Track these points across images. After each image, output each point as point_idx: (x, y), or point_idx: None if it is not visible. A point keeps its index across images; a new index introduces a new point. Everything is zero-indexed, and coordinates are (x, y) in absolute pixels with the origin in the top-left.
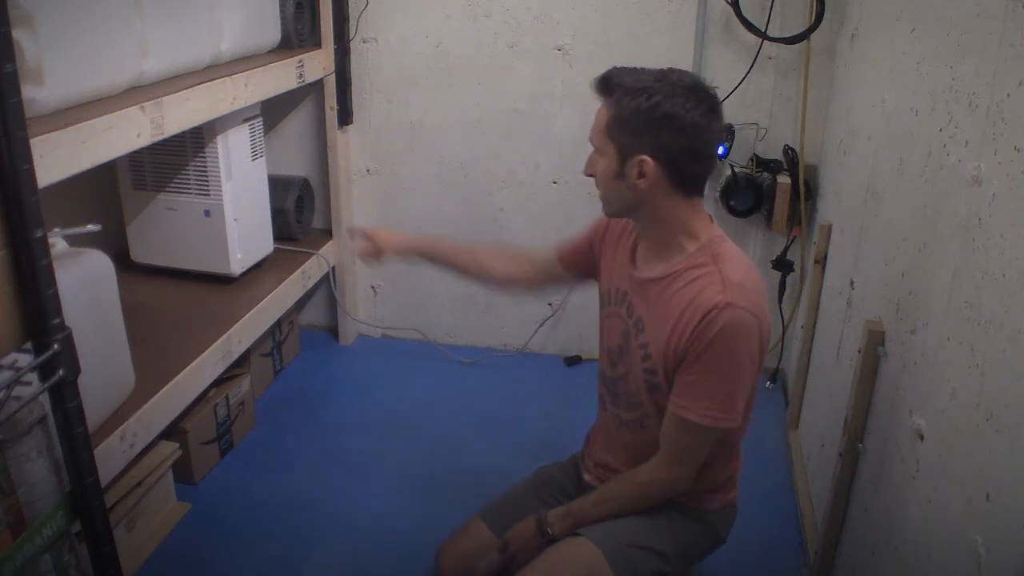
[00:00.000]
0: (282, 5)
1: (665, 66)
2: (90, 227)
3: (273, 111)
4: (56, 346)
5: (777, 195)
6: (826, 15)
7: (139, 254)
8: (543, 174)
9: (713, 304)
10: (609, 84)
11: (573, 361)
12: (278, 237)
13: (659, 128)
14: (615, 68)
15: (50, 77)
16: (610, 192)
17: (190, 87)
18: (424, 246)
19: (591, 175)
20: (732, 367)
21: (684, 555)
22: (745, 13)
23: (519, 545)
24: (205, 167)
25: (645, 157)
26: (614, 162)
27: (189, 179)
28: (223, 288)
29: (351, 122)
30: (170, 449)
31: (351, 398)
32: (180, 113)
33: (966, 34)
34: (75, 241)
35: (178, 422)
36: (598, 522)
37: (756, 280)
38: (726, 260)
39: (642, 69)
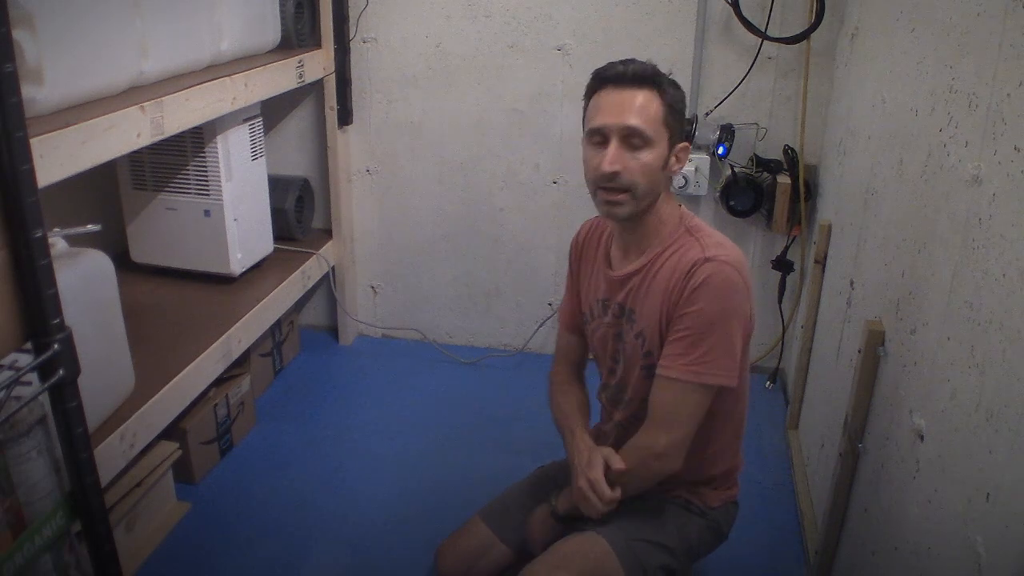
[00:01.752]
0: (282, 5)
1: (666, 66)
2: (90, 227)
3: (273, 111)
4: (56, 346)
5: (777, 195)
6: (826, 15)
7: (139, 254)
8: (543, 174)
9: (693, 260)
10: (656, 76)
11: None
12: (278, 237)
13: (685, 116)
14: (639, 61)
15: (50, 77)
16: (653, 184)
17: (190, 87)
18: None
19: (618, 171)
20: (712, 320)
21: (689, 550)
22: (745, 13)
23: (535, 530)
24: (205, 167)
25: (687, 144)
26: (665, 151)
27: (189, 179)
28: (223, 288)
29: (351, 122)
30: (170, 449)
31: (351, 398)
32: (180, 113)
33: (966, 34)
34: (75, 241)
35: (178, 422)
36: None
37: (734, 245)
38: (701, 230)
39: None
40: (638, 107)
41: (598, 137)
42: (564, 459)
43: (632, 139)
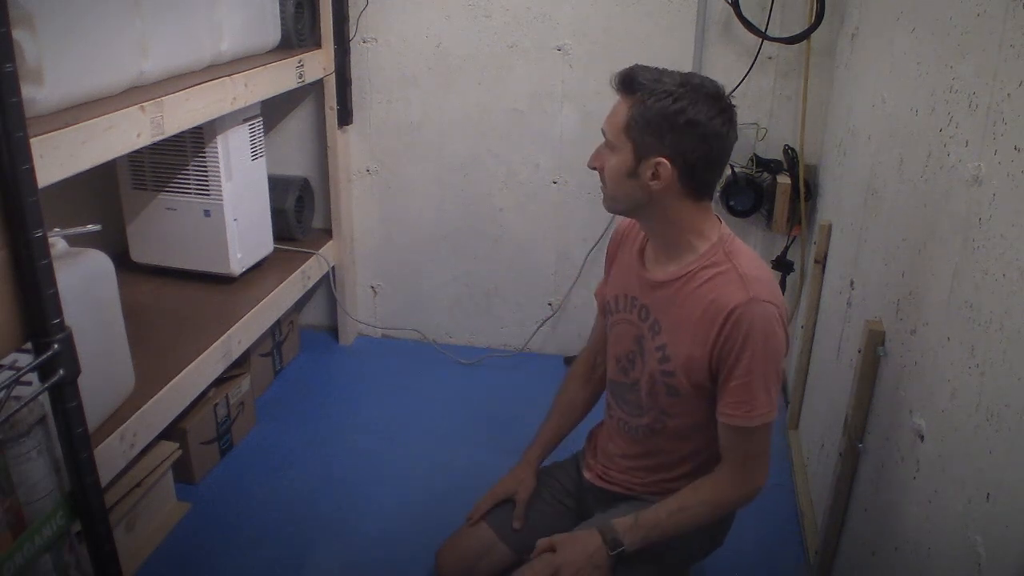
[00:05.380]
0: (282, 5)
1: (667, 66)
2: (90, 227)
3: (273, 111)
4: (56, 346)
5: (777, 195)
6: (826, 15)
7: (139, 254)
8: (543, 174)
9: (736, 303)
10: (632, 82)
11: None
12: (278, 237)
13: (681, 133)
14: (638, 66)
15: (50, 77)
16: (617, 189)
17: (190, 87)
18: (547, 450)
19: (595, 168)
20: (769, 361)
21: (681, 561)
22: (745, 13)
23: (577, 567)
24: (205, 167)
25: (662, 160)
26: (628, 160)
27: (189, 179)
28: (223, 288)
29: (351, 122)
30: (170, 449)
31: (351, 398)
32: (180, 113)
33: (966, 34)
34: (75, 241)
35: (178, 422)
36: (672, 534)
37: (769, 272)
38: (739, 256)
39: (664, 70)
40: (611, 112)
41: None
42: (565, 460)
43: (605, 142)
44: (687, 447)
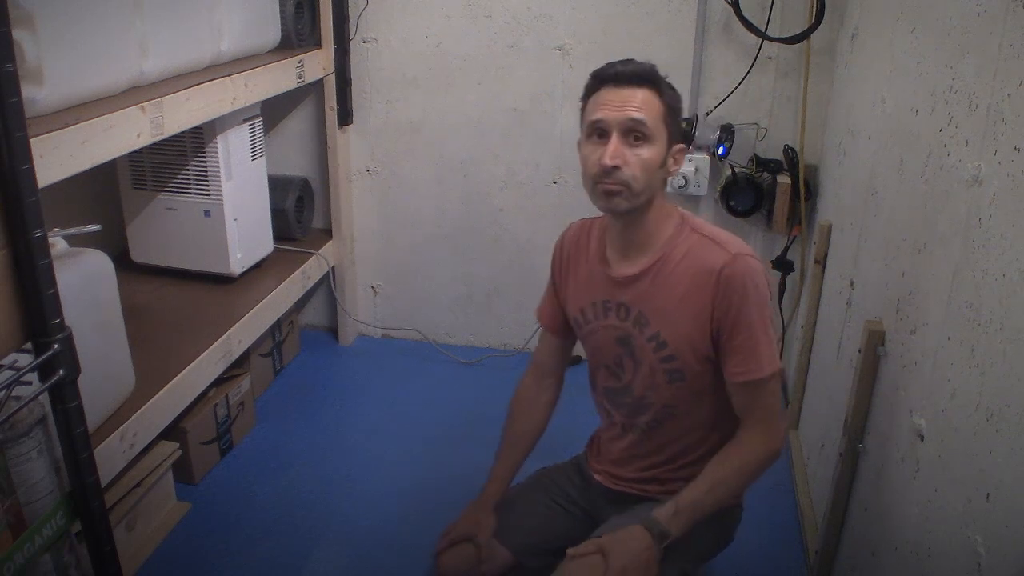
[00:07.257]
0: (282, 5)
1: (666, 66)
2: (90, 227)
3: (273, 111)
4: (56, 346)
5: (777, 195)
6: (826, 15)
7: (139, 254)
8: (543, 174)
9: (722, 263)
10: (654, 75)
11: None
12: (278, 237)
13: (682, 119)
14: (638, 61)
15: (50, 77)
16: (649, 181)
17: (190, 87)
18: (502, 487)
19: (619, 166)
20: (764, 311)
21: (701, 555)
22: (745, 13)
23: (636, 569)
24: (205, 167)
25: (682, 144)
26: (663, 149)
27: (189, 179)
28: (223, 288)
29: (351, 122)
30: (170, 449)
31: (351, 398)
32: (180, 113)
33: (966, 34)
34: (75, 241)
35: (178, 422)
36: (711, 511)
37: (735, 235)
38: (705, 227)
39: None
40: (639, 103)
41: (598, 132)
42: (565, 461)
43: (633, 133)
44: (701, 427)
